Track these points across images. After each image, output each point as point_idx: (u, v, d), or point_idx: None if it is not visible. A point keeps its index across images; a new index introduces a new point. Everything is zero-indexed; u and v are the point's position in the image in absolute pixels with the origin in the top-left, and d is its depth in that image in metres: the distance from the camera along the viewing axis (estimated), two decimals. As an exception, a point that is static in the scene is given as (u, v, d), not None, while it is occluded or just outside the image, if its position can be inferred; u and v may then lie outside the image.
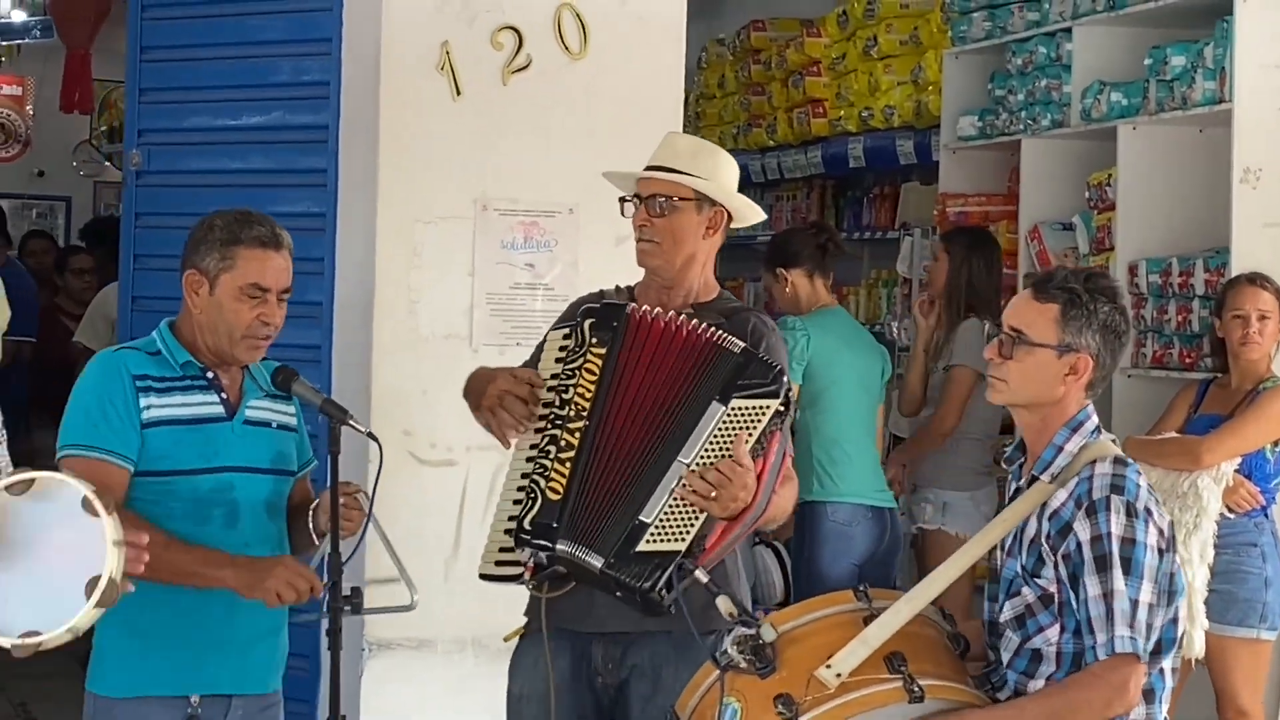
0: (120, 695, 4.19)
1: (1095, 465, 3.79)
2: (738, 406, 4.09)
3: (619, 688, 4.32)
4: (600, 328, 4.20)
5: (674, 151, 4.39)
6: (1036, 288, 3.89)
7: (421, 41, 5.76)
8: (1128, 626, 3.68)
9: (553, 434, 4.16)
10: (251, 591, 4.07)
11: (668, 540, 4.07)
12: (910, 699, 3.66)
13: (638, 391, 4.16)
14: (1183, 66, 6.88)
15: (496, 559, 4.21)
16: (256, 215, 4.30)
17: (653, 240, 4.34)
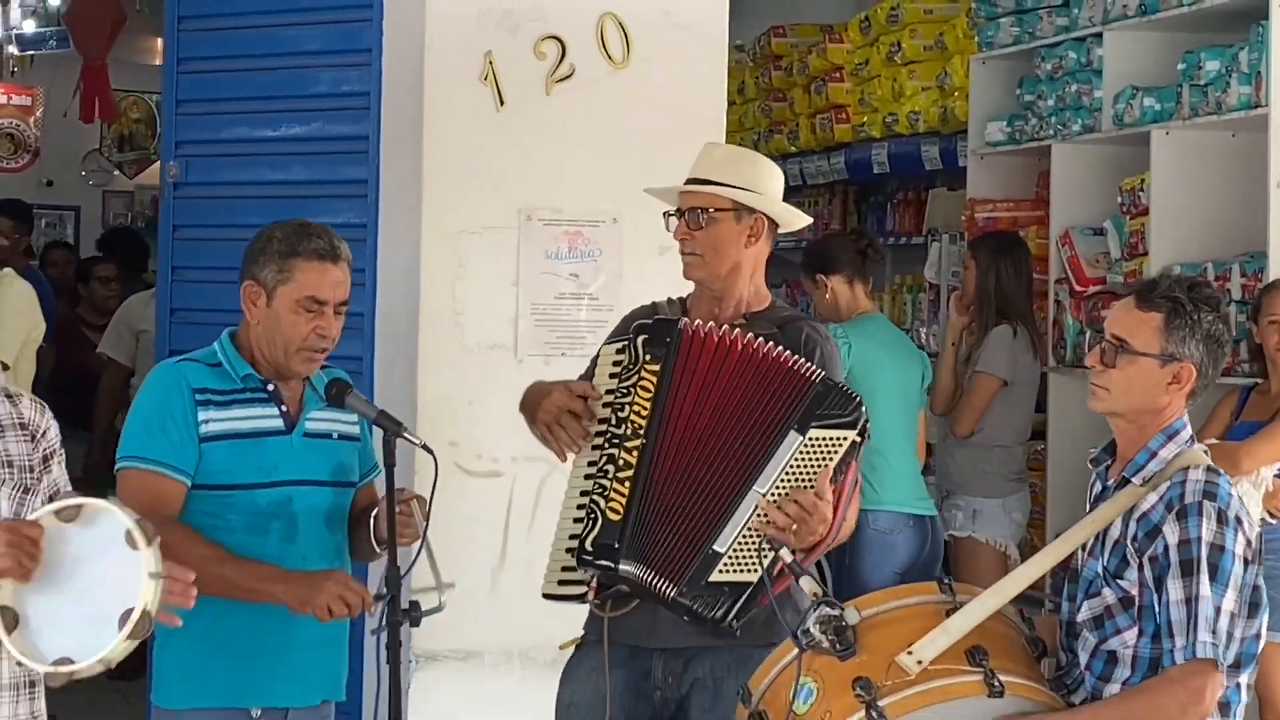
0: (182, 707, 4.21)
1: (1188, 471, 3.79)
2: (816, 437, 4.08)
3: (679, 702, 4.32)
4: (653, 344, 4.19)
5: (711, 162, 4.39)
6: (1139, 296, 3.89)
7: (465, 51, 5.76)
8: (1210, 632, 3.68)
9: (610, 453, 4.16)
10: (303, 607, 4.09)
11: (741, 570, 4.08)
12: (990, 693, 3.67)
13: (694, 410, 4.16)
14: (1217, 71, 6.87)
15: (559, 578, 4.22)
16: (316, 227, 4.31)
17: (695, 253, 4.33)
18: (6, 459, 3.71)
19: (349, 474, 4.34)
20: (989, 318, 7.26)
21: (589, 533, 4.13)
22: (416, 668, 5.71)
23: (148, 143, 15.92)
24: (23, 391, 3.88)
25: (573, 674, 4.37)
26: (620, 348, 4.26)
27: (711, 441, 4.14)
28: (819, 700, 3.70)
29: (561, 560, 4.20)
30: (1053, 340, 7.71)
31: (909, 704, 3.65)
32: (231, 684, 4.19)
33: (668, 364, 4.16)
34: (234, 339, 4.30)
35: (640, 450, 4.14)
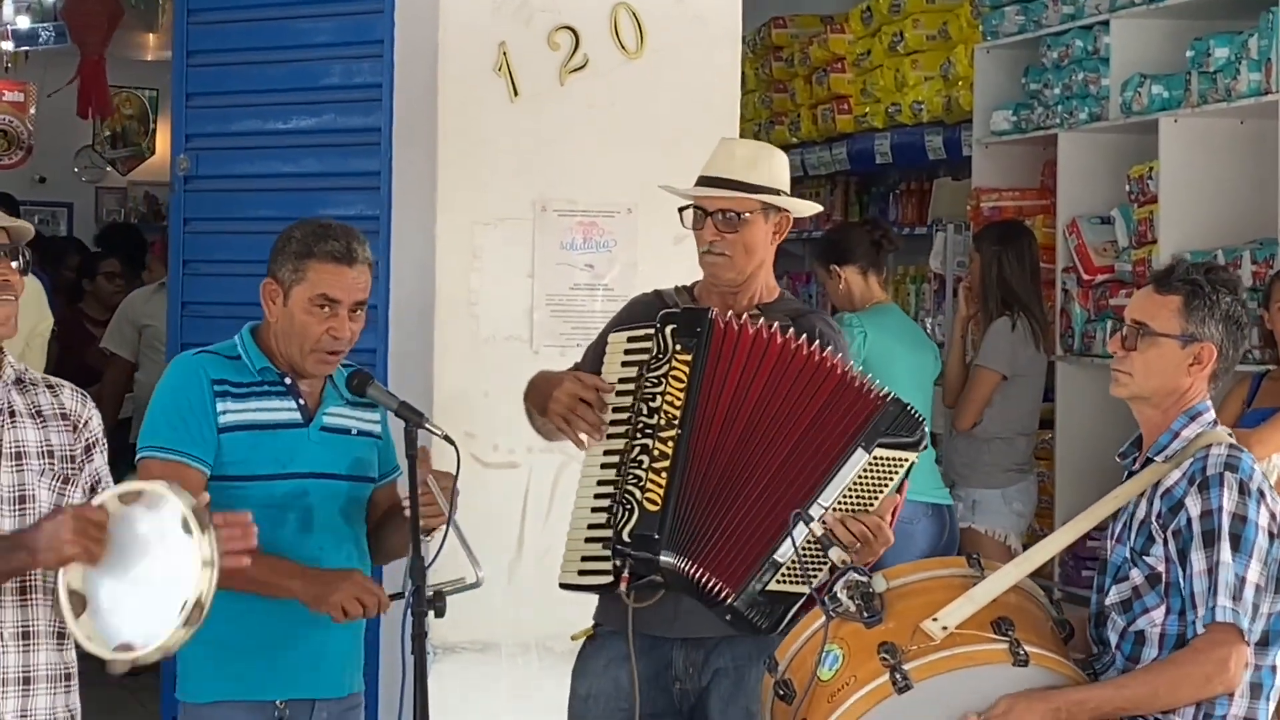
0: (207, 700, 4.23)
1: (1211, 447, 3.82)
2: (881, 456, 4.10)
3: (699, 693, 4.32)
4: (683, 333, 4.18)
5: (736, 161, 4.37)
6: (1158, 281, 3.93)
7: (478, 42, 5.75)
8: (1230, 599, 3.70)
9: (643, 443, 4.15)
10: (318, 605, 4.11)
11: (797, 582, 4.09)
12: (1015, 662, 3.70)
13: (732, 403, 4.16)
14: (1226, 58, 6.86)
15: (580, 568, 4.21)
16: (336, 229, 4.31)
17: (725, 254, 4.32)
18: (48, 449, 3.75)
19: (367, 469, 4.34)
20: (993, 309, 7.26)
21: (624, 523, 4.12)
22: (434, 659, 5.69)
23: (140, 139, 15.90)
24: (64, 382, 3.88)
25: (588, 666, 4.37)
26: (638, 335, 4.25)
27: (756, 440, 4.15)
28: (844, 666, 3.73)
29: (581, 550, 4.20)
30: (1060, 329, 7.71)
31: (933, 668, 3.69)
32: (255, 675, 4.20)
33: (700, 354, 4.16)
34: (254, 334, 4.32)
35: (676, 441, 4.14)
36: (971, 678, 3.71)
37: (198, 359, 4.29)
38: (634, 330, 4.28)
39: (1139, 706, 3.78)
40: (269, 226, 4.67)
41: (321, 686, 4.28)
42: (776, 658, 3.90)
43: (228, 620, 4.01)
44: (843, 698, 3.70)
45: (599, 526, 4.18)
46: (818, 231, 10.52)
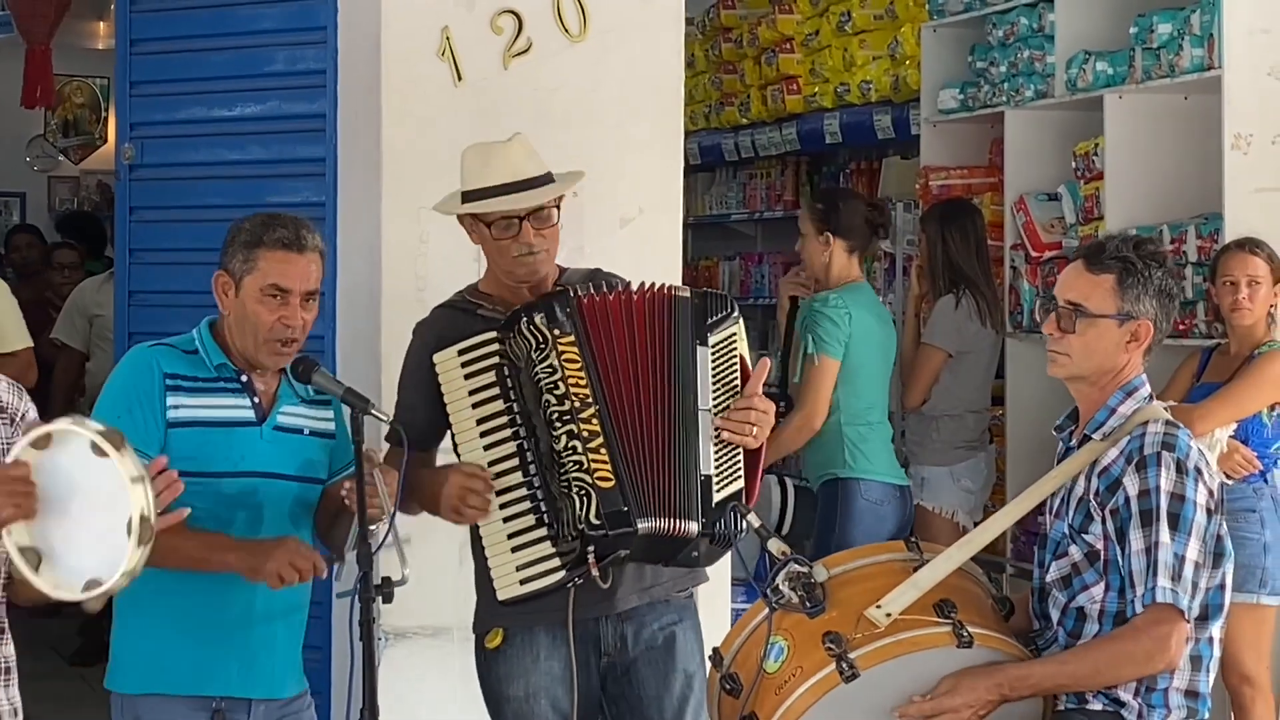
0: (140, 692, 4.21)
1: (1148, 425, 3.85)
2: (716, 342, 4.28)
3: (629, 665, 4.41)
4: (553, 319, 4.26)
5: (518, 161, 4.43)
6: (1089, 259, 3.94)
7: (421, 27, 5.73)
8: (1170, 579, 3.73)
9: (567, 429, 4.20)
10: (254, 574, 4.09)
11: (730, 482, 4.22)
12: (959, 644, 3.74)
13: (624, 363, 4.26)
14: (1169, 34, 6.90)
15: (519, 579, 4.25)
16: (284, 218, 4.31)
17: (545, 250, 4.40)
18: None
19: (317, 470, 4.33)
20: (940, 287, 7.28)
21: (584, 509, 4.16)
22: (386, 645, 5.69)
23: (92, 127, 15.81)
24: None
25: (514, 668, 4.43)
26: (470, 346, 4.30)
27: (645, 385, 4.26)
28: (790, 657, 3.76)
29: (510, 561, 4.25)
30: (1009, 306, 7.74)
31: (879, 655, 3.73)
32: (189, 670, 4.18)
33: (579, 331, 4.26)
34: (212, 328, 4.31)
35: (598, 416, 4.21)
36: (917, 662, 3.75)
37: (152, 351, 4.27)
38: (464, 344, 4.32)
39: (1081, 682, 3.83)
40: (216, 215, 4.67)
41: (256, 687, 4.26)
42: (721, 652, 3.93)
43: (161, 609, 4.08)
44: (790, 689, 3.74)
45: (524, 531, 4.23)
46: (769, 213, 10.56)
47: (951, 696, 3.72)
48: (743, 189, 10.82)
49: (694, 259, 11.54)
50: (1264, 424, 6.24)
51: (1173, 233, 6.88)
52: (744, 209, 10.84)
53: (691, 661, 4.44)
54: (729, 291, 10.72)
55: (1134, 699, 3.84)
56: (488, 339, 4.29)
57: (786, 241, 10.72)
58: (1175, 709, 3.85)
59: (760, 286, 10.48)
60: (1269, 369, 6.20)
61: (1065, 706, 3.89)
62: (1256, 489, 6.24)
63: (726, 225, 11.18)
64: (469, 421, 4.28)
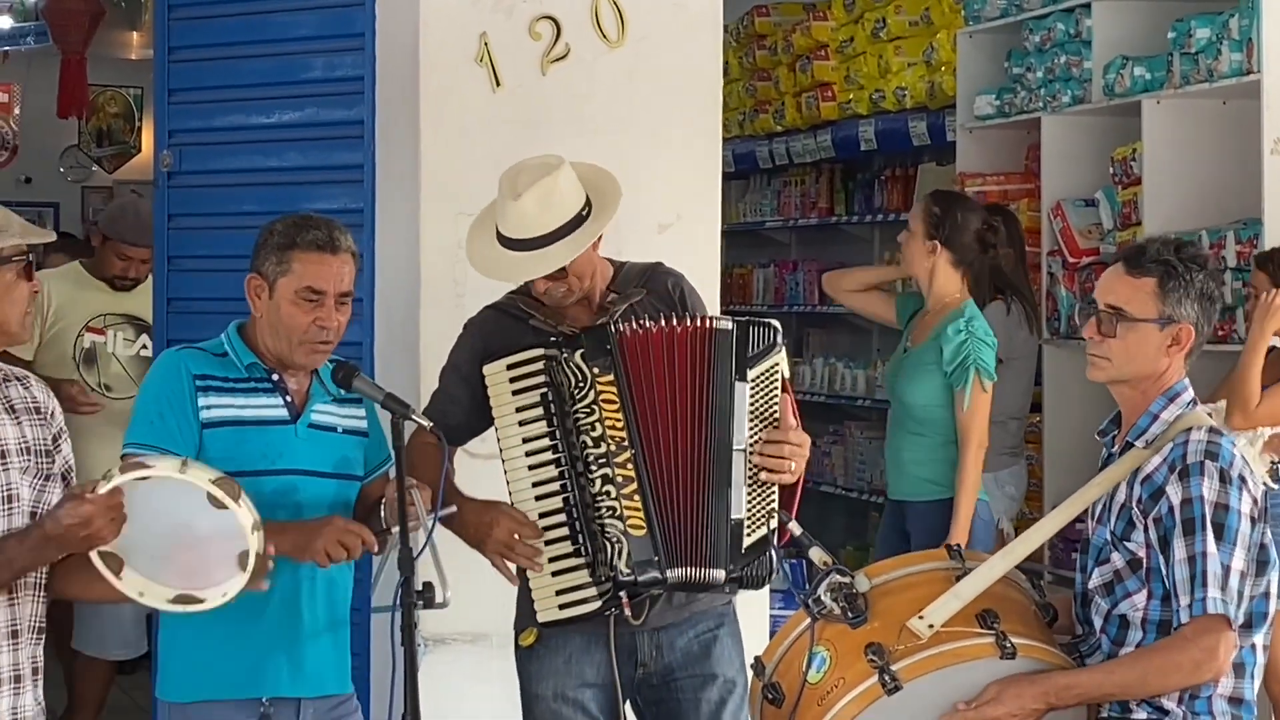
0: (189, 700, 4.22)
1: (1190, 432, 3.82)
2: (756, 375, 4.22)
3: (665, 670, 4.42)
4: (594, 355, 4.24)
5: (529, 217, 4.32)
6: (1129, 262, 3.91)
7: (459, 33, 5.73)
8: (1219, 589, 3.70)
9: (602, 474, 4.21)
10: (301, 554, 4.10)
11: (762, 525, 4.19)
12: (1002, 655, 3.71)
13: (655, 403, 4.23)
14: (1208, 39, 6.89)
15: (558, 603, 4.28)
16: (316, 219, 4.32)
17: (565, 290, 4.37)
18: (25, 445, 3.74)
19: (353, 468, 4.33)
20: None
21: (616, 555, 4.19)
22: (426, 651, 5.69)
23: (126, 137, 15.88)
24: (28, 373, 3.89)
25: (546, 667, 4.45)
26: (519, 363, 4.29)
27: (681, 426, 4.23)
28: (832, 668, 3.74)
29: (552, 585, 4.27)
30: (1047, 313, 7.72)
31: (922, 666, 3.70)
32: (239, 674, 4.19)
33: (619, 371, 4.24)
34: (241, 330, 4.32)
35: (634, 461, 4.21)
36: (960, 673, 3.72)
37: (180, 354, 4.29)
38: (513, 359, 4.31)
39: (1128, 691, 3.80)
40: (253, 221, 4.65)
41: (305, 686, 4.27)
42: (763, 661, 3.92)
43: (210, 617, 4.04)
44: (833, 700, 3.72)
45: (564, 558, 4.24)
46: (804, 220, 10.55)
47: (996, 705, 3.70)
48: (777, 196, 10.82)
49: (728, 266, 11.53)
50: (1310, 427, 6.21)
51: (1211, 238, 6.86)
52: (778, 216, 10.83)
53: (730, 667, 4.44)
54: (762, 300, 10.73)
55: (1178, 706, 3.82)
56: (535, 356, 4.29)
57: (821, 248, 10.75)
58: (1220, 715, 3.83)
59: (795, 294, 10.48)
60: None
61: (1109, 714, 3.86)
62: None
63: (761, 233, 11.18)
64: (515, 438, 4.29)
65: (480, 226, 4.48)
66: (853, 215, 10.05)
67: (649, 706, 4.47)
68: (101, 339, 7.09)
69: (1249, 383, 6.06)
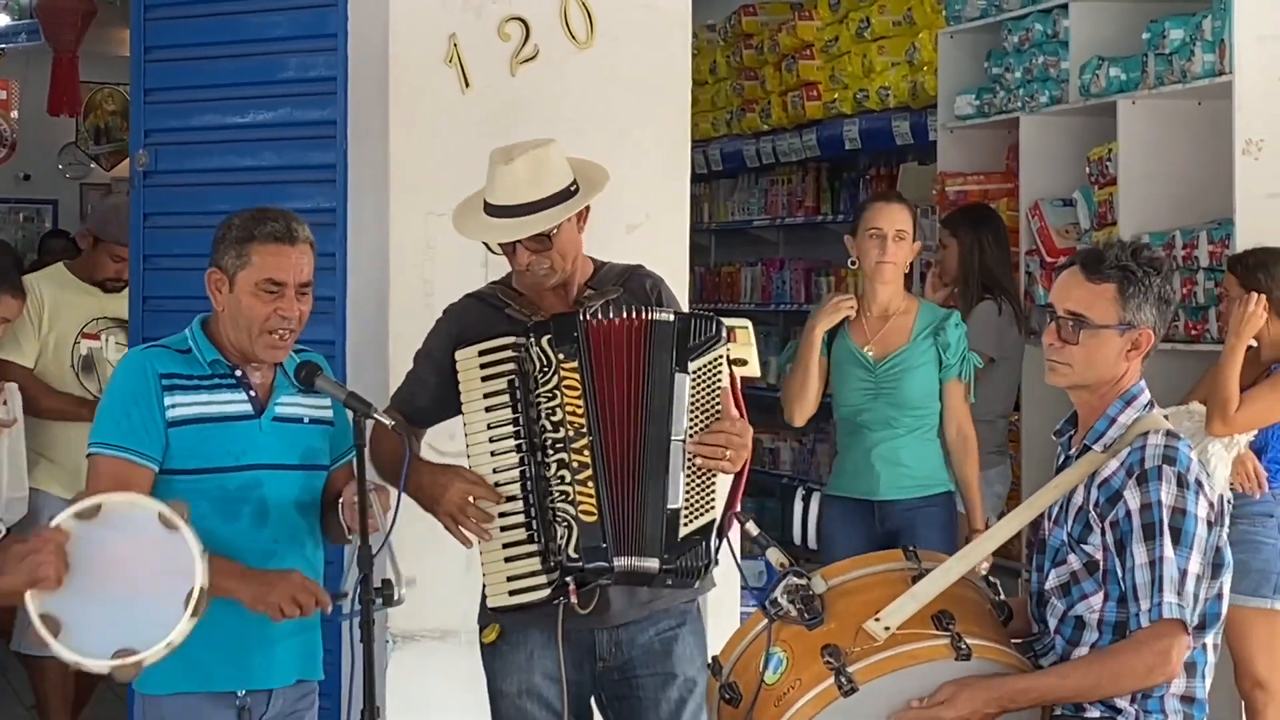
0: (166, 692, 4.24)
1: (1148, 436, 3.84)
2: (698, 368, 4.25)
3: (623, 666, 4.44)
4: (561, 342, 4.28)
5: (521, 182, 4.37)
6: (1087, 268, 3.92)
7: (429, 34, 5.77)
8: (1175, 594, 3.72)
9: (558, 458, 4.25)
10: (256, 604, 4.13)
11: (701, 515, 4.22)
12: (957, 656, 3.73)
13: (612, 393, 4.27)
14: (1181, 39, 6.91)
15: (509, 589, 4.29)
16: (273, 211, 4.36)
17: (546, 268, 4.39)
18: None
19: (319, 458, 4.37)
20: (974, 293, 7.27)
21: (565, 540, 4.22)
22: (394, 648, 5.73)
23: (123, 134, 15.90)
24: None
25: (509, 663, 4.47)
26: (490, 349, 4.32)
27: (631, 415, 4.26)
28: (789, 669, 3.76)
29: (503, 570, 4.28)
30: (1025, 312, 7.73)
31: (878, 668, 3.71)
32: (215, 667, 4.22)
33: (583, 358, 4.27)
34: (204, 326, 4.35)
35: (590, 448, 4.24)
36: (916, 675, 3.74)
37: (145, 354, 4.33)
38: (485, 345, 4.34)
39: (1081, 695, 3.82)
40: (228, 221, 4.68)
41: (279, 676, 4.32)
42: (720, 661, 3.95)
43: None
44: (789, 701, 3.74)
45: (517, 544, 4.27)
46: (791, 219, 10.58)
47: (949, 708, 3.72)
48: (764, 195, 10.85)
49: (716, 265, 11.58)
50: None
51: (1185, 238, 6.88)
52: (765, 215, 10.86)
53: (692, 666, 4.46)
54: (750, 299, 10.76)
55: (1130, 705, 3.84)
56: (505, 344, 4.32)
57: (808, 247, 10.77)
58: (1172, 714, 3.85)
59: (782, 292, 10.50)
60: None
61: (1062, 712, 3.88)
62: (1276, 494, 6.22)
63: (749, 231, 11.21)
64: (481, 423, 4.31)
65: (468, 205, 4.52)
66: (838, 214, 10.08)
67: (611, 703, 4.50)
68: (97, 344, 7.09)
69: (1227, 389, 6.08)
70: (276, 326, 4.24)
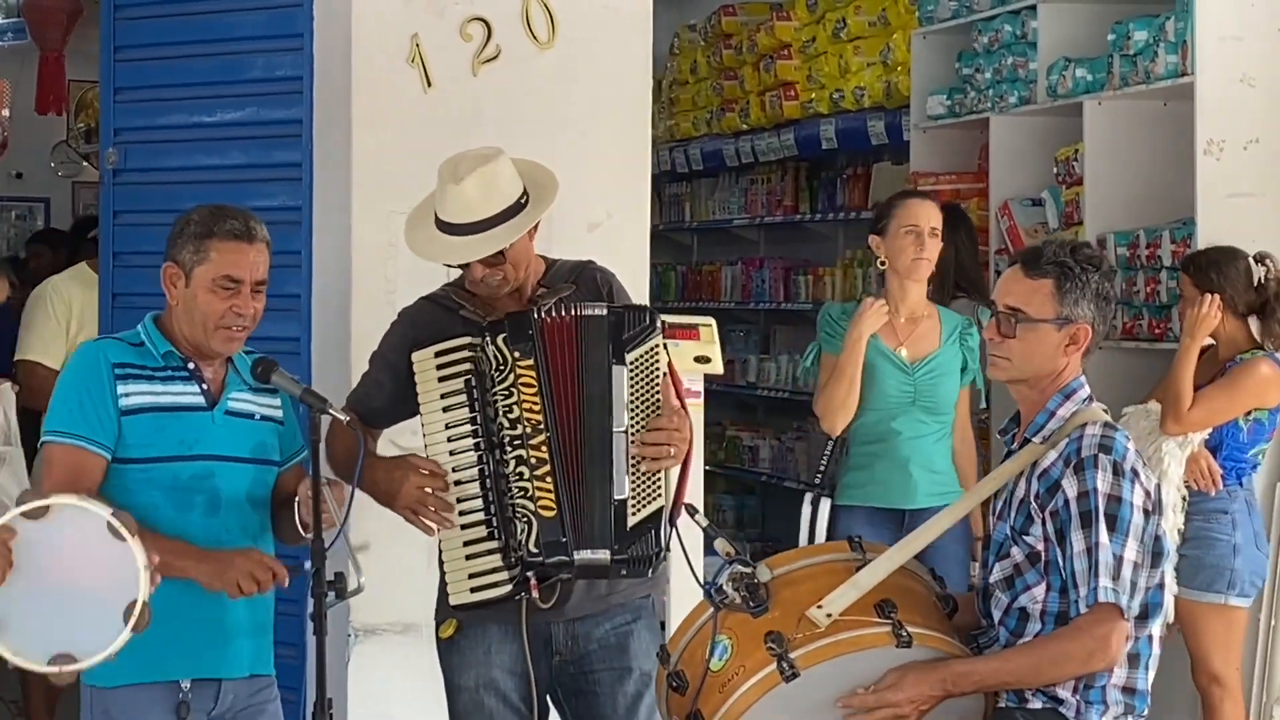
0: (112, 684, 4.26)
1: (1085, 427, 3.91)
2: (634, 359, 4.32)
3: (579, 659, 4.49)
4: (517, 340, 4.34)
5: (471, 202, 4.39)
6: (1026, 264, 4.00)
7: (391, 34, 5.83)
8: (1111, 579, 3.78)
9: (517, 454, 4.31)
10: (214, 582, 4.18)
11: (647, 504, 4.29)
12: (898, 643, 3.79)
13: (564, 390, 4.33)
14: (1145, 41, 6.95)
15: (470, 587, 4.35)
16: (231, 209, 4.40)
17: (499, 279, 4.44)
18: None
19: (270, 453, 4.42)
20: (948, 292, 7.30)
21: (525, 535, 4.27)
22: (356, 641, 5.79)
23: (115, 133, 15.92)
24: None
25: (468, 658, 4.51)
26: (447, 350, 4.37)
27: (579, 411, 4.33)
28: (733, 656, 3.81)
29: (464, 568, 4.34)
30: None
31: (819, 654, 3.77)
32: (159, 658, 4.24)
33: (539, 356, 4.33)
34: (157, 321, 4.41)
35: (548, 444, 4.30)
36: (857, 661, 3.80)
37: (99, 344, 4.39)
38: (441, 346, 4.40)
39: (1023, 679, 3.88)
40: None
41: (227, 667, 4.35)
42: (669, 649, 4.00)
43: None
44: (733, 687, 3.80)
45: (477, 542, 4.32)
46: (770, 218, 10.62)
47: (895, 691, 3.78)
48: (744, 194, 10.89)
49: (698, 264, 11.63)
50: (1240, 429, 6.27)
51: (1149, 237, 6.93)
52: (745, 214, 10.91)
53: (647, 660, 4.50)
54: (730, 297, 10.81)
55: (1072, 696, 3.89)
56: (461, 345, 4.37)
57: (788, 246, 10.82)
58: (1113, 705, 3.90)
59: (761, 291, 10.55)
60: (1246, 378, 6.23)
61: (1006, 704, 3.94)
62: (1231, 491, 6.27)
63: (729, 230, 11.25)
64: (439, 424, 4.37)
65: (418, 216, 4.55)
66: (817, 213, 10.13)
67: (568, 698, 4.55)
68: None
69: (1180, 388, 6.14)
70: (231, 323, 4.30)
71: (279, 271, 4.62)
